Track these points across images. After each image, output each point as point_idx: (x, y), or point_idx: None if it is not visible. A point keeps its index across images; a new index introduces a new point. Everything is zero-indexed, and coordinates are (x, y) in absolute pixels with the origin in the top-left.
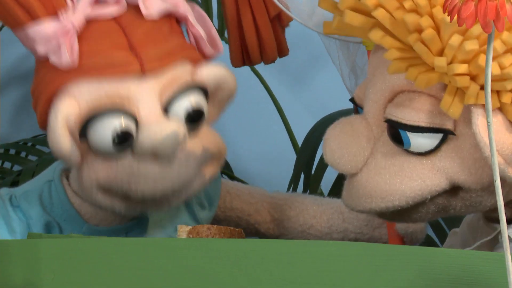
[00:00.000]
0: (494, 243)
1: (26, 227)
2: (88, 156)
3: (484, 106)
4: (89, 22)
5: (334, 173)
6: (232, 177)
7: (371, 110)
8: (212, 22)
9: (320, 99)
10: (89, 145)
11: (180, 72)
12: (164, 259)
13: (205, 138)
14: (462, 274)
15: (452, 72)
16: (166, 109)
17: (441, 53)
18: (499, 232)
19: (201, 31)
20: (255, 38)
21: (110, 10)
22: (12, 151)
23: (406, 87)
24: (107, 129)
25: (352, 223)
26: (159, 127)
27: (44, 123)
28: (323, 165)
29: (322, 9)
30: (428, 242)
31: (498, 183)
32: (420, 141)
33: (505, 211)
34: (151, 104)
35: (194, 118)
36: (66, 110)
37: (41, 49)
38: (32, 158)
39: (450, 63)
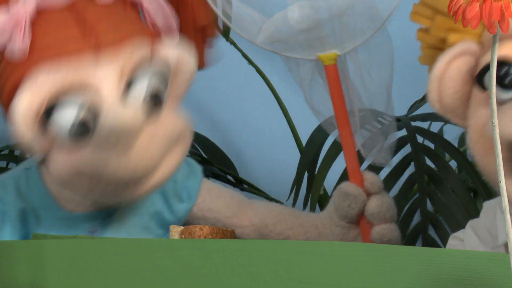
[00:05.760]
0: None
1: None
2: (56, 146)
3: None
4: (42, 11)
5: (338, 173)
6: (237, 178)
7: None
8: None
9: None
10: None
11: (138, 55)
12: (169, 259)
13: (167, 122)
14: (466, 274)
15: None
16: (125, 93)
17: None
18: None
19: (153, 14)
20: None
21: None
22: (17, 152)
23: None
24: (65, 119)
25: (327, 238)
26: (115, 115)
27: (7, 113)
28: (326, 165)
29: (270, 26)
30: (430, 243)
31: (503, 184)
32: None
33: None
34: (110, 89)
35: (153, 103)
36: (27, 102)
37: None
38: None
39: None
